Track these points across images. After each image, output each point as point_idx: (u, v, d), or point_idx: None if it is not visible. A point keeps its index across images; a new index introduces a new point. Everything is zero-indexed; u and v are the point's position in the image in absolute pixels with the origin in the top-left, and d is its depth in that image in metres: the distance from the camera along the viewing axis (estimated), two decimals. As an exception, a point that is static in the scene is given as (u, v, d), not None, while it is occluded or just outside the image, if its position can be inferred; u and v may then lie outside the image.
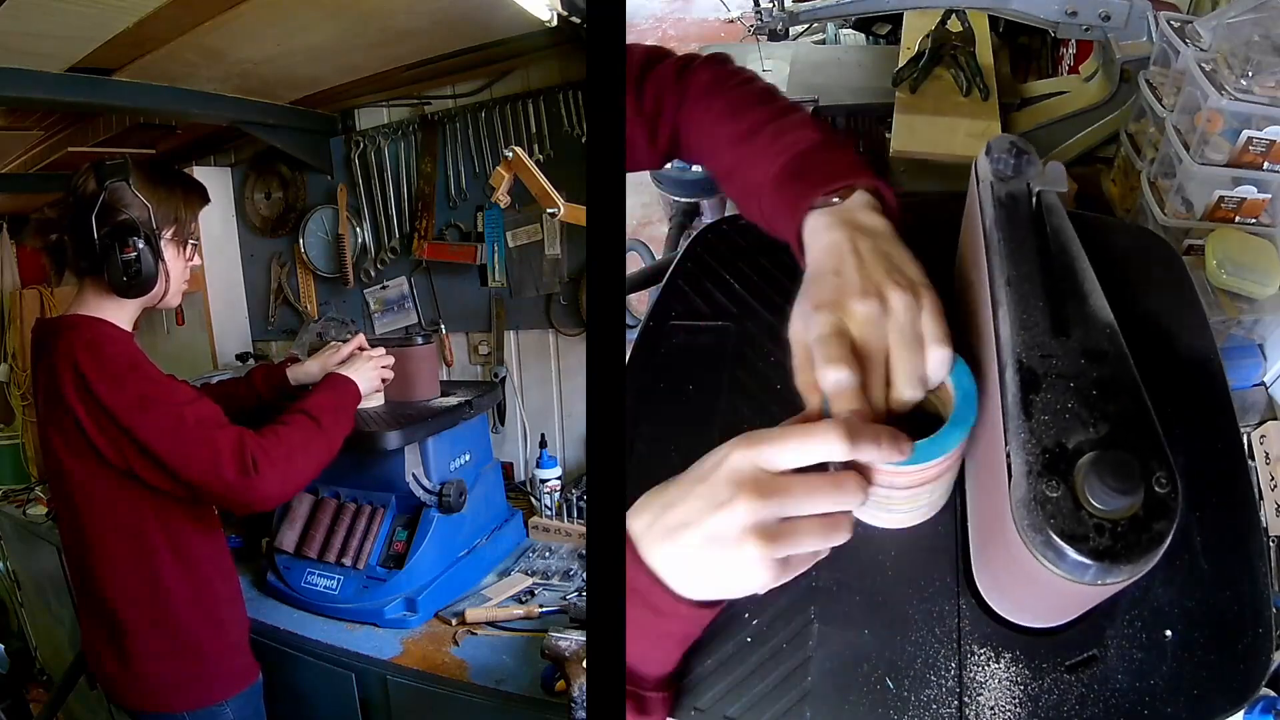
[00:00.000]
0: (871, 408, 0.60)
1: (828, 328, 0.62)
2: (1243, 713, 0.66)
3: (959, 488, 0.76)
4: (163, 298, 1.35)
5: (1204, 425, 0.76)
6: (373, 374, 1.60)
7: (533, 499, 2.07)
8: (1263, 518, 1.22)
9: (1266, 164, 1.27)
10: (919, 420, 0.62)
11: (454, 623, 1.59)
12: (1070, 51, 1.97)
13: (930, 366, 0.62)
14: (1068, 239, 0.66)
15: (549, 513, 2.00)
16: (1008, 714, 0.67)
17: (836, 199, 0.72)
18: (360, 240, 2.44)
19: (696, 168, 1.76)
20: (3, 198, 2.73)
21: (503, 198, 1.72)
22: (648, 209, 2.67)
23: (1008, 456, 0.56)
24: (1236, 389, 1.08)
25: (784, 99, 0.88)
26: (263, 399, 1.66)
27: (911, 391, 0.61)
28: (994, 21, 1.80)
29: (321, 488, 1.78)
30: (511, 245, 2.21)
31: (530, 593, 1.69)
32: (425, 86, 2.27)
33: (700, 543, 0.58)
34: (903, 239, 0.69)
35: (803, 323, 0.65)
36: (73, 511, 1.31)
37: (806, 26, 2.28)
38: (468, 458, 1.84)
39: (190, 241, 1.39)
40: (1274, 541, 1.21)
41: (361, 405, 1.57)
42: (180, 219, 1.35)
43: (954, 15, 1.67)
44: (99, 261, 1.26)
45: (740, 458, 0.58)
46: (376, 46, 1.99)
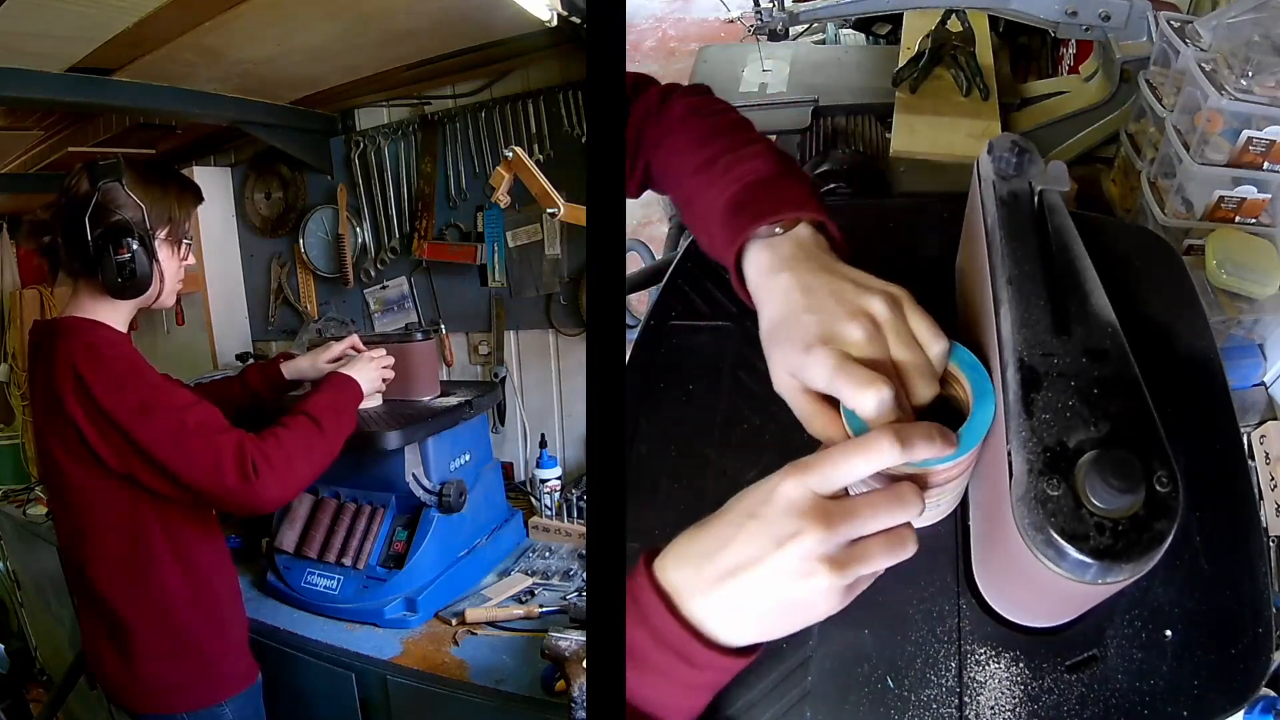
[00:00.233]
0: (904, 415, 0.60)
1: (835, 359, 0.60)
2: (1243, 713, 0.66)
3: (959, 487, 0.76)
4: (157, 298, 1.34)
5: (1204, 425, 0.76)
6: (375, 374, 1.60)
7: (533, 499, 2.07)
8: (1263, 518, 1.22)
9: (1266, 164, 1.27)
10: (930, 418, 0.62)
11: (454, 623, 1.59)
12: (1070, 51, 1.97)
13: (935, 361, 0.62)
14: (1069, 238, 0.67)
15: (549, 513, 2.00)
16: (1008, 714, 0.67)
17: (780, 229, 0.71)
18: (360, 240, 2.44)
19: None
20: (3, 198, 2.73)
21: (503, 198, 1.72)
22: (648, 209, 2.67)
23: (1009, 455, 0.56)
24: (1236, 389, 1.08)
25: (752, 132, 0.85)
26: (258, 397, 1.66)
27: (929, 390, 0.61)
28: (994, 21, 1.80)
29: (321, 488, 1.78)
30: (511, 245, 2.21)
31: (530, 593, 1.69)
32: (425, 86, 2.27)
33: (765, 582, 0.56)
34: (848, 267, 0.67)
35: (799, 368, 0.62)
36: (70, 514, 1.31)
37: (806, 26, 2.27)
38: (468, 458, 1.84)
39: (185, 241, 1.38)
40: (1274, 541, 1.20)
41: (361, 405, 1.57)
42: (174, 219, 1.35)
43: (954, 15, 1.67)
44: (93, 263, 1.26)
45: (794, 487, 0.56)
46: (376, 46, 1.99)
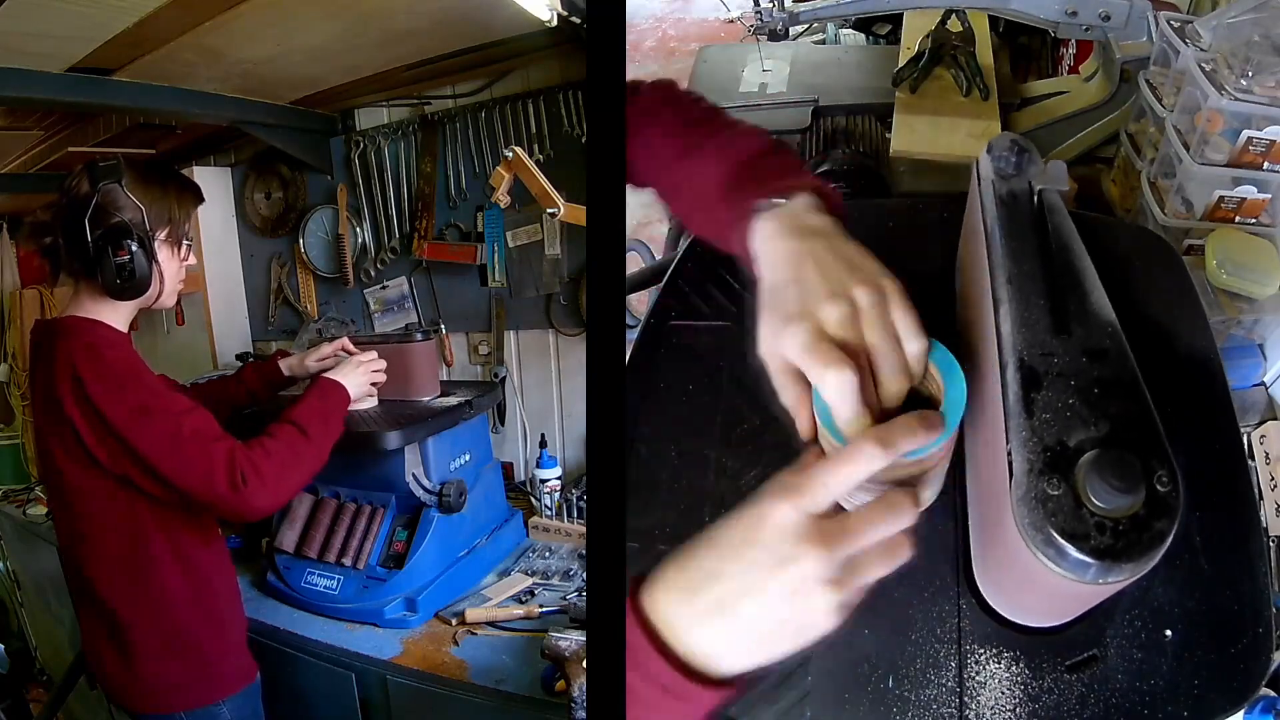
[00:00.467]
0: (869, 407, 0.60)
1: (807, 335, 0.60)
2: (1243, 713, 0.66)
3: (959, 487, 0.76)
4: (158, 299, 1.35)
5: (1204, 425, 0.76)
6: (362, 379, 1.58)
7: (533, 499, 2.07)
8: (1263, 518, 1.22)
9: (1266, 164, 1.27)
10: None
11: (454, 623, 1.59)
12: (1070, 51, 1.97)
13: (911, 358, 0.61)
14: (1069, 237, 0.67)
15: (549, 513, 2.00)
16: (1008, 713, 0.67)
17: (782, 199, 0.71)
18: (360, 240, 2.43)
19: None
20: (3, 198, 2.73)
21: (503, 198, 1.72)
22: (648, 209, 2.65)
23: (1009, 455, 0.56)
24: (1236, 389, 1.08)
25: (729, 116, 0.87)
26: (256, 395, 1.66)
27: (899, 384, 0.61)
28: (994, 21, 1.80)
29: (321, 487, 1.78)
30: (511, 245, 2.21)
31: (530, 593, 1.69)
32: (425, 86, 2.27)
33: (765, 609, 0.55)
34: (850, 238, 0.67)
35: (775, 338, 0.62)
36: (70, 514, 1.31)
37: (806, 26, 2.27)
38: (468, 458, 1.84)
39: (185, 242, 1.38)
40: (1274, 541, 1.20)
41: (354, 407, 1.56)
42: (174, 219, 1.35)
43: (954, 15, 1.67)
44: (93, 264, 1.26)
45: (787, 511, 0.56)
46: (376, 47, 1.98)
